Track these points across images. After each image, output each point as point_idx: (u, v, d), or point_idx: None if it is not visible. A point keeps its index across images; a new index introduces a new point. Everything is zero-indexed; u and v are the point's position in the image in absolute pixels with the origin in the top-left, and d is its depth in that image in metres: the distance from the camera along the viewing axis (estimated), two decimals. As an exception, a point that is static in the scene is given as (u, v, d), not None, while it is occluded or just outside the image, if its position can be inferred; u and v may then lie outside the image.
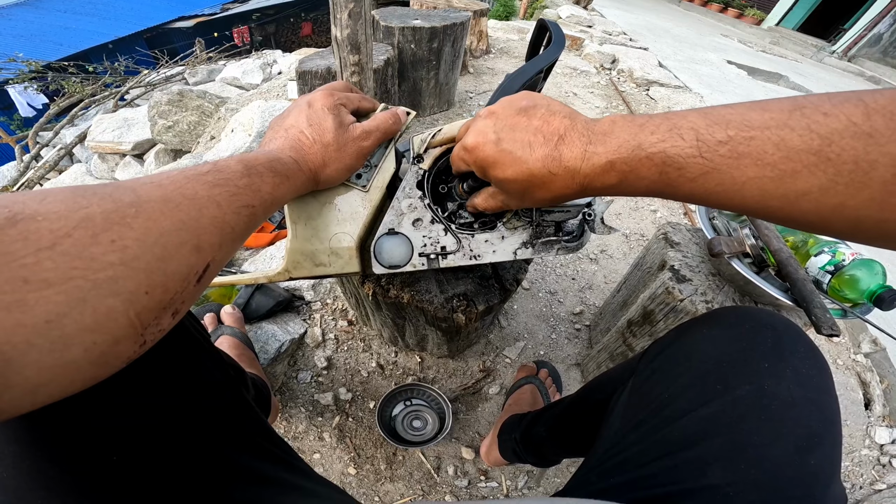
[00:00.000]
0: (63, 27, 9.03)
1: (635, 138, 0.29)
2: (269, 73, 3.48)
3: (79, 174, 2.76)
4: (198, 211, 0.26)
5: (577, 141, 0.32)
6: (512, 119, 0.35)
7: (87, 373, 0.20)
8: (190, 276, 0.25)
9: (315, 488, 0.41)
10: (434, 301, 0.57)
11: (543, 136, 0.33)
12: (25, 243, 0.18)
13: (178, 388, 0.33)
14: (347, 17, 0.94)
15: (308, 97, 0.43)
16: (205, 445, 0.33)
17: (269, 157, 0.35)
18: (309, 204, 0.46)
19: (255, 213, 0.31)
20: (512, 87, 0.45)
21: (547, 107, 0.35)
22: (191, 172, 0.28)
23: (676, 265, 0.70)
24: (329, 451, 0.89)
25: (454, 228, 0.48)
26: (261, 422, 0.43)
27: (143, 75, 4.20)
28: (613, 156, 0.30)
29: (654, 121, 0.29)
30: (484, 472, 0.88)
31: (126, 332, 0.21)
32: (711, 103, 1.64)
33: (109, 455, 0.27)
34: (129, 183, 0.24)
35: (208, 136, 2.21)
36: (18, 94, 5.78)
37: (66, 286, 0.18)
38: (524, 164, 0.33)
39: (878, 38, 6.87)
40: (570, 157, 0.32)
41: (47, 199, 0.20)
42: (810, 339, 0.37)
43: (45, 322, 0.17)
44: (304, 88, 1.56)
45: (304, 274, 0.47)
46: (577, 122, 0.33)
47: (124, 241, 0.21)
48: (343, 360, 1.02)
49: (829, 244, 0.66)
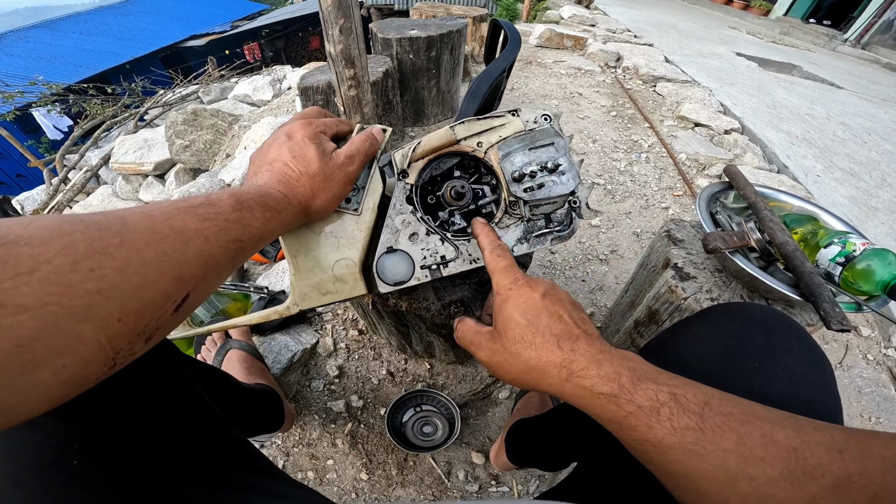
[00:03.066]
0: (80, 48, 9.37)
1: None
2: (279, 89, 3.57)
3: (105, 196, 2.86)
4: (184, 244, 0.26)
5: (597, 344, 0.34)
6: (564, 299, 0.38)
7: (57, 393, 0.20)
8: (167, 305, 0.25)
9: (287, 490, 0.42)
10: (431, 308, 0.58)
11: (574, 322, 0.36)
12: (4, 267, 0.18)
13: (153, 400, 0.36)
14: (339, 32, 0.97)
15: (286, 128, 0.43)
16: (179, 453, 0.35)
17: (260, 192, 0.36)
18: (305, 235, 0.46)
19: (242, 248, 0.32)
20: (480, 91, 0.46)
21: (587, 321, 0.37)
22: (183, 204, 0.29)
23: (680, 263, 0.69)
24: (342, 457, 0.90)
25: (449, 237, 0.49)
26: (233, 436, 0.44)
27: (160, 95, 4.35)
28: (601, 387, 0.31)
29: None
30: (494, 477, 0.88)
31: (96, 356, 0.21)
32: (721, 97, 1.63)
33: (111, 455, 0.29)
34: (120, 212, 0.25)
35: (224, 154, 2.28)
36: (43, 116, 6.01)
37: (41, 311, 0.18)
38: (544, 324, 0.35)
39: (888, 24, 6.66)
40: (582, 348, 0.34)
41: (32, 225, 0.20)
42: (806, 334, 0.36)
43: (17, 346, 0.18)
44: (308, 104, 1.59)
45: (313, 304, 0.48)
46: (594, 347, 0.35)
47: (103, 269, 0.21)
48: (354, 368, 1.03)
49: (839, 234, 0.63)
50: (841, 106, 3.08)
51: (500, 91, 0.51)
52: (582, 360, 0.33)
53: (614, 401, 0.30)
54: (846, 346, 1.24)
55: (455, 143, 0.49)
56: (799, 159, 2.07)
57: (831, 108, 2.98)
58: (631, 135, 2.14)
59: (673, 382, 0.30)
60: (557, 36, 3.35)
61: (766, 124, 2.38)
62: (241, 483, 0.38)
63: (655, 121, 2.31)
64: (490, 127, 0.48)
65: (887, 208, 1.83)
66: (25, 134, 6.90)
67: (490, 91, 0.47)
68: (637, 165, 1.89)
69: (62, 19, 10.77)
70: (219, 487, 0.36)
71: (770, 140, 2.18)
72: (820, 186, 1.89)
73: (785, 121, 2.51)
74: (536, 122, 0.49)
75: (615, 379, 0.31)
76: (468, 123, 0.49)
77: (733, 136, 2.14)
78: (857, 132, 2.59)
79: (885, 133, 2.66)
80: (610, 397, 0.30)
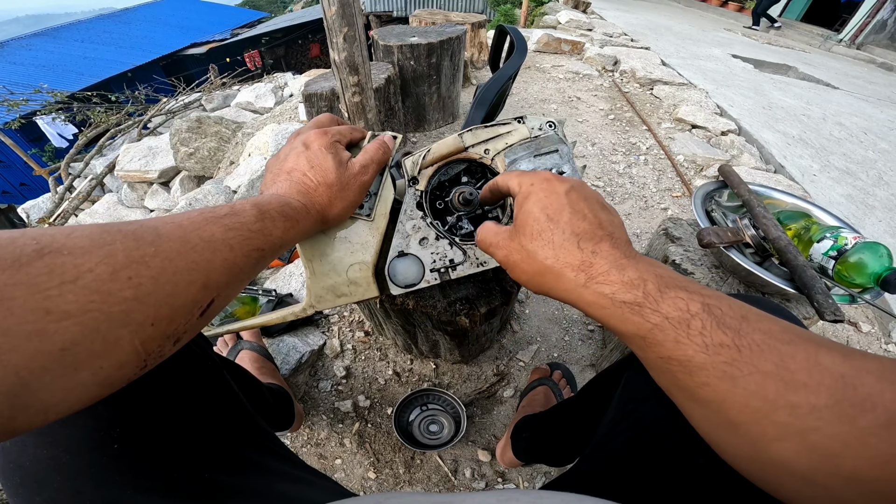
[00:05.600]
0: (83, 57, 9.47)
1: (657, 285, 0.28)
2: (281, 97, 3.61)
3: (111, 204, 2.88)
4: (212, 253, 0.28)
5: (623, 248, 0.31)
6: (592, 198, 0.34)
7: (92, 392, 0.22)
8: (194, 310, 0.27)
9: (311, 479, 0.44)
10: (437, 306, 0.60)
11: (600, 223, 0.32)
12: (50, 276, 0.19)
13: (190, 394, 0.37)
14: (343, 40, 1.00)
15: (302, 137, 0.44)
16: (211, 439, 0.37)
17: (281, 202, 0.37)
18: (320, 241, 0.48)
19: (264, 256, 0.33)
20: (488, 98, 0.48)
21: (620, 226, 0.34)
22: (209, 214, 0.30)
23: (678, 259, 0.71)
24: (350, 456, 0.91)
25: (458, 241, 0.50)
26: (258, 423, 0.46)
27: (163, 103, 4.40)
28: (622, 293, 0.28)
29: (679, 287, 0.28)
30: (501, 474, 0.89)
31: (130, 358, 0.23)
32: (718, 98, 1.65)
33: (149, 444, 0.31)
34: (152, 222, 0.27)
35: (228, 162, 2.31)
36: (48, 125, 6.04)
37: (84, 318, 0.20)
38: (566, 221, 0.33)
39: (882, 24, 6.76)
40: (605, 251, 0.31)
41: (74, 234, 0.21)
42: (802, 324, 0.38)
43: (61, 350, 0.19)
44: (312, 110, 1.62)
45: (328, 306, 0.50)
46: (619, 250, 0.32)
47: (140, 278, 0.23)
48: (361, 368, 1.05)
49: (831, 229, 0.65)
50: (837, 106, 3.12)
51: (504, 97, 0.53)
52: (603, 263, 0.30)
53: (638, 311, 0.27)
54: (846, 342, 1.26)
55: (463, 151, 0.51)
56: (795, 159, 2.10)
57: (827, 108, 3.01)
58: (629, 137, 2.16)
59: (706, 292, 0.26)
60: (555, 41, 3.39)
61: (762, 125, 2.41)
62: (268, 469, 0.40)
63: (653, 123, 2.34)
64: (497, 134, 0.50)
65: (884, 206, 1.85)
66: (29, 142, 6.96)
67: (496, 97, 0.49)
68: (636, 167, 1.91)
69: (64, 27, 10.89)
70: (248, 473, 0.37)
71: (767, 140, 2.20)
72: (817, 185, 1.91)
73: (781, 121, 2.54)
74: (542, 129, 0.50)
75: (639, 286, 0.28)
76: (476, 131, 0.50)
77: (730, 137, 2.17)
78: (853, 132, 2.62)
79: (880, 132, 2.69)
80: (633, 306, 0.27)
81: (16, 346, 0.17)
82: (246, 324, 0.55)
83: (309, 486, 0.42)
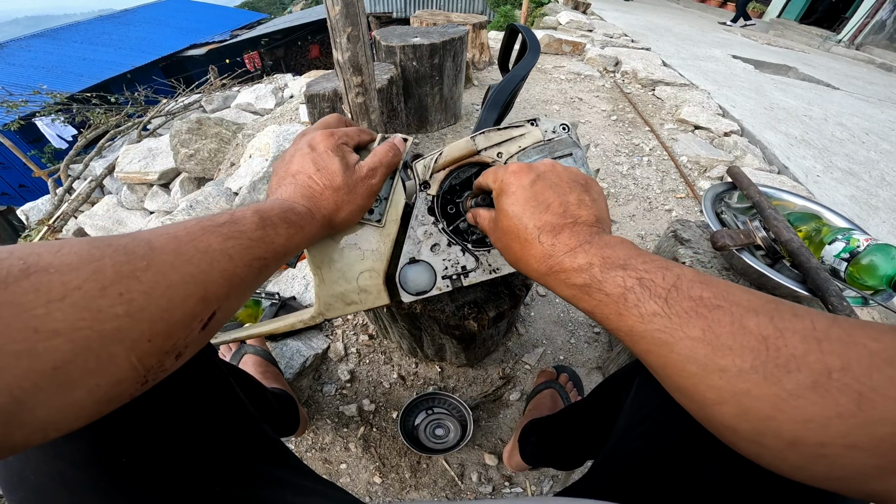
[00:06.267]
0: (82, 58, 9.42)
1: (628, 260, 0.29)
2: (282, 98, 3.61)
3: (111, 206, 2.87)
4: (208, 264, 0.27)
5: (581, 235, 0.33)
6: (560, 182, 0.36)
7: (91, 410, 0.21)
8: (194, 324, 0.26)
9: (323, 490, 0.43)
10: (446, 310, 0.59)
11: (564, 211, 0.34)
12: (37, 295, 0.19)
13: (201, 409, 0.37)
14: (347, 40, 0.99)
15: (308, 139, 0.42)
16: (220, 452, 0.36)
17: (284, 208, 0.36)
18: (329, 247, 0.46)
19: (266, 265, 0.32)
20: (500, 100, 0.47)
21: (594, 201, 0.36)
22: (207, 223, 0.29)
23: (687, 262, 0.70)
24: (355, 460, 0.91)
25: (470, 247, 0.49)
26: (266, 432, 0.45)
27: (162, 104, 4.39)
28: (596, 258, 0.30)
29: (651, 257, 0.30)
30: (508, 478, 0.89)
31: (128, 375, 0.22)
32: (720, 99, 1.65)
33: (153, 459, 0.30)
34: (146, 234, 0.26)
35: (228, 163, 2.30)
36: (47, 126, 6.02)
37: (74, 336, 0.19)
38: (528, 217, 0.34)
39: (881, 24, 6.78)
40: (562, 241, 0.33)
41: (62, 251, 0.21)
42: None
43: (53, 368, 0.19)
44: (314, 111, 1.62)
45: (338, 314, 0.48)
46: (600, 225, 0.34)
47: (131, 293, 0.22)
48: (365, 372, 1.04)
49: (843, 231, 0.65)
50: (838, 106, 3.12)
51: (514, 98, 0.53)
52: (559, 253, 0.32)
53: (587, 291, 0.30)
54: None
55: (476, 154, 0.49)
56: (798, 160, 2.09)
57: (828, 108, 3.01)
58: (632, 138, 2.16)
59: (644, 266, 0.28)
60: (556, 42, 3.39)
61: (764, 126, 2.41)
62: (279, 481, 0.39)
63: (655, 124, 2.33)
64: (510, 137, 0.49)
65: (888, 207, 1.84)
66: (28, 144, 6.94)
67: (510, 97, 0.48)
68: (639, 169, 1.91)
69: (63, 28, 10.86)
70: (261, 486, 0.36)
71: (769, 141, 2.20)
72: (820, 186, 1.91)
73: (783, 122, 2.54)
74: (555, 131, 0.49)
75: (587, 269, 0.30)
76: (488, 134, 0.49)
77: (733, 138, 2.17)
78: (855, 132, 2.62)
79: (882, 133, 2.69)
80: (583, 288, 0.30)
81: (6, 364, 0.17)
82: (253, 332, 0.54)
83: (322, 497, 0.41)
